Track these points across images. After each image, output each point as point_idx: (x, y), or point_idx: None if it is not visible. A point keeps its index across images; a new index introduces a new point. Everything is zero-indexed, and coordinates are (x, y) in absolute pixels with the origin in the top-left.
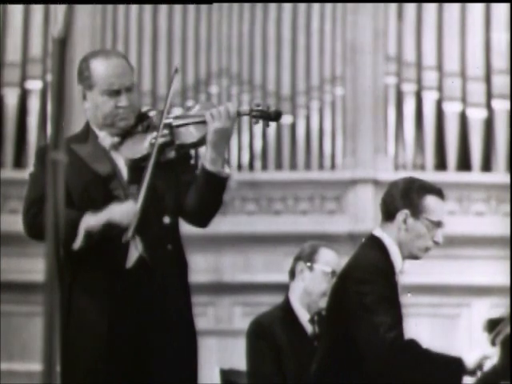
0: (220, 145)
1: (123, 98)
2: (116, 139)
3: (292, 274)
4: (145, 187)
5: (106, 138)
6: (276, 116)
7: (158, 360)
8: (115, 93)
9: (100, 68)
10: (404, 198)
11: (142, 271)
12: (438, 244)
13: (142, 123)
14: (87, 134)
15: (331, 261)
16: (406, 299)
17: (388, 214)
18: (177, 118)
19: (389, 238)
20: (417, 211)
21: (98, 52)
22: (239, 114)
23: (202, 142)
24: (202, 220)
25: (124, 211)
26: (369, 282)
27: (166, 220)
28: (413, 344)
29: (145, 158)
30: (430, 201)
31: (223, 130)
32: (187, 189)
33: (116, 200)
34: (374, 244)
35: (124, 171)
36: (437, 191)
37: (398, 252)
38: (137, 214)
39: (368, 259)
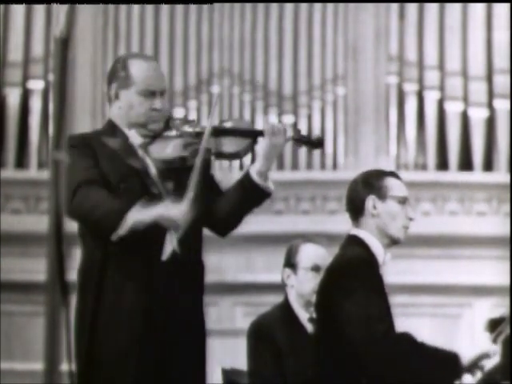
0: (271, 159)
1: (158, 101)
2: (145, 139)
3: (283, 282)
4: (193, 188)
5: (135, 137)
6: (318, 144)
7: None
8: (151, 94)
9: (139, 68)
10: (366, 185)
11: (175, 265)
12: (413, 220)
13: (175, 128)
14: (114, 131)
15: (311, 256)
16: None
17: (357, 210)
18: (217, 128)
19: (365, 232)
20: (382, 193)
21: (135, 54)
22: None
23: (239, 154)
24: (227, 228)
25: (180, 212)
26: (354, 275)
27: (193, 221)
28: (407, 336)
29: (174, 161)
30: (390, 180)
31: (279, 145)
32: (214, 195)
33: (152, 196)
34: (353, 242)
35: (153, 170)
36: (392, 173)
37: (377, 244)
38: (188, 217)
39: (351, 253)
